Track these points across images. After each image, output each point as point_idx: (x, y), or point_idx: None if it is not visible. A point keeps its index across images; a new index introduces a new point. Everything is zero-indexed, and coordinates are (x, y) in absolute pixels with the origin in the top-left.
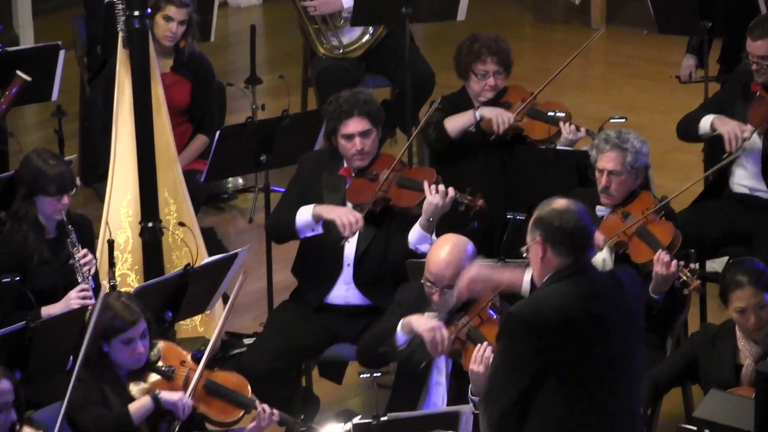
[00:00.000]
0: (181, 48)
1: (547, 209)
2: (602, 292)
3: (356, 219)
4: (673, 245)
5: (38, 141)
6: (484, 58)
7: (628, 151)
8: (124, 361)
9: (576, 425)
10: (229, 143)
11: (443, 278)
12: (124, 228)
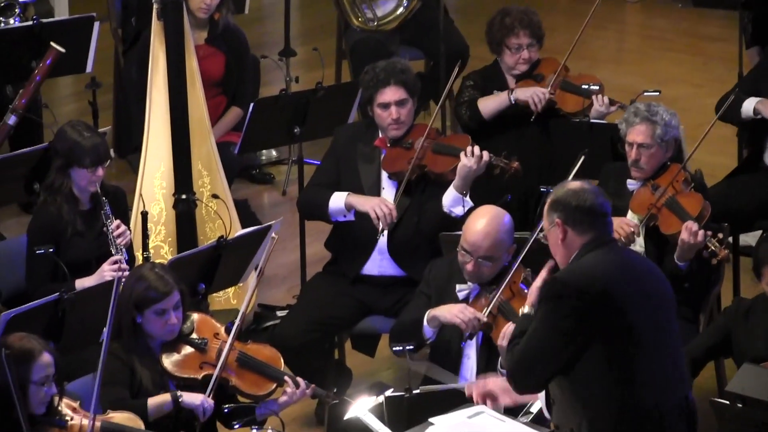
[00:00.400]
0: (216, 20)
1: (562, 191)
2: (634, 260)
3: (390, 210)
4: (701, 216)
5: (72, 113)
6: (517, 32)
7: (657, 124)
8: (157, 332)
9: (621, 384)
10: (263, 115)
11: (480, 248)
12: (157, 200)
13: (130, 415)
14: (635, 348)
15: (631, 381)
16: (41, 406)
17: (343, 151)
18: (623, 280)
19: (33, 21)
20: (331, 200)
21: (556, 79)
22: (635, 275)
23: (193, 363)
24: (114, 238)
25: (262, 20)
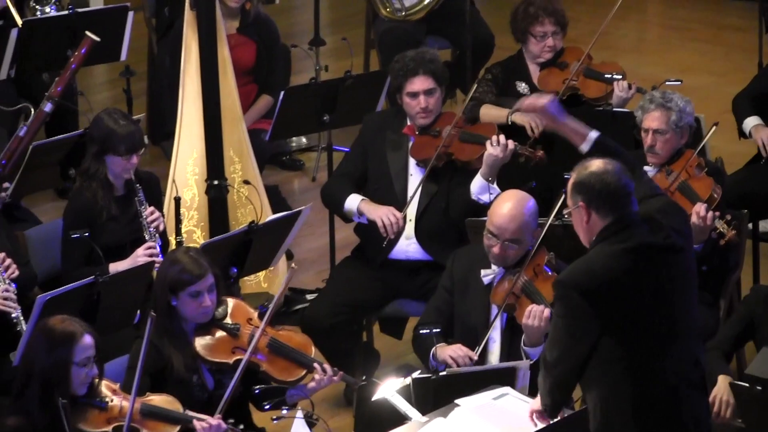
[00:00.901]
0: (247, 10)
1: (586, 173)
2: (649, 245)
3: (396, 219)
4: (711, 199)
5: (107, 100)
6: (542, 20)
7: (672, 110)
8: (191, 314)
9: (636, 376)
10: (293, 103)
11: (505, 231)
12: (190, 185)
13: (169, 398)
14: (646, 335)
15: (644, 367)
16: (83, 387)
17: (372, 139)
18: (627, 271)
19: (69, 10)
20: (346, 201)
21: (579, 67)
22: (646, 261)
23: (225, 347)
24: (148, 224)
25: (293, 10)
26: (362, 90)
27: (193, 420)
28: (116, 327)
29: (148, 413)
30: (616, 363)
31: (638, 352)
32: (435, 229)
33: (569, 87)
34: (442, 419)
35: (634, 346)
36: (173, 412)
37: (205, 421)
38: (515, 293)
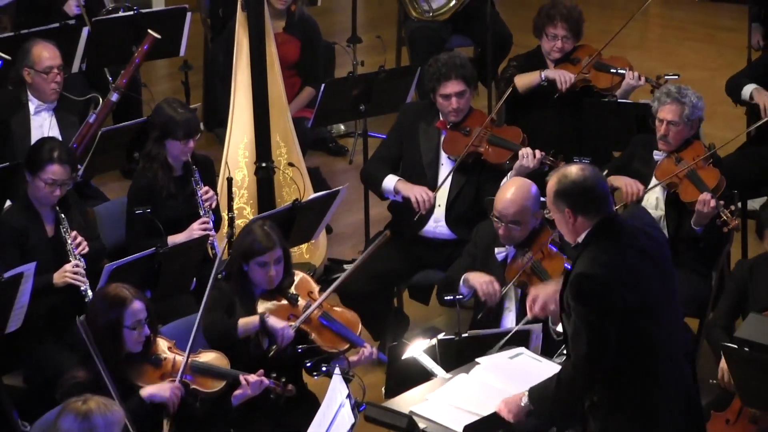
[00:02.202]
0: (292, 11)
1: (567, 182)
2: (637, 234)
3: (429, 197)
4: (717, 188)
5: (167, 91)
6: (556, 23)
7: (686, 105)
8: (258, 280)
9: (638, 343)
10: (333, 94)
11: (507, 214)
12: (241, 167)
13: (218, 355)
14: (647, 320)
15: (645, 350)
16: (137, 346)
17: (408, 127)
18: (632, 265)
19: (134, 11)
20: (384, 181)
21: (590, 62)
22: (640, 258)
23: (283, 313)
24: (202, 201)
25: (333, 11)
26: (394, 83)
27: (238, 376)
28: (174, 293)
29: (198, 369)
30: (623, 342)
31: (641, 325)
32: (462, 216)
33: (581, 79)
34: (465, 375)
35: (635, 333)
36: (220, 368)
37: (248, 378)
38: (526, 272)
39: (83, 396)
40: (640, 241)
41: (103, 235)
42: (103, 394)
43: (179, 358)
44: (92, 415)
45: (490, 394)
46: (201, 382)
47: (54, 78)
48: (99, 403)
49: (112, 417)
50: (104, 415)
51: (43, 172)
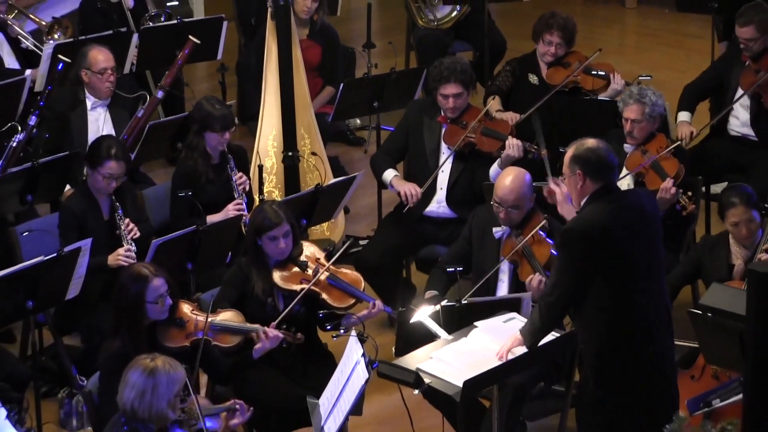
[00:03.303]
0: (315, 20)
1: (582, 149)
2: (629, 205)
3: (415, 193)
4: (677, 176)
5: (206, 89)
6: (552, 31)
7: (646, 104)
8: (271, 252)
9: (620, 306)
10: (350, 93)
11: (507, 200)
12: (270, 156)
13: (234, 312)
14: (630, 276)
15: (626, 303)
16: (163, 314)
17: (413, 121)
18: (617, 223)
19: (177, 20)
20: (384, 174)
21: (580, 66)
22: (629, 217)
23: (295, 279)
24: (237, 185)
25: (350, 20)
26: (404, 82)
27: (252, 331)
28: (212, 265)
29: (216, 327)
30: (606, 303)
31: (624, 288)
32: (461, 197)
33: (571, 81)
34: (464, 337)
35: (620, 284)
36: (236, 325)
37: (267, 331)
38: (518, 252)
39: (152, 354)
40: (629, 214)
41: (150, 214)
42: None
43: (201, 318)
44: (157, 372)
45: (486, 352)
46: (220, 338)
47: (108, 78)
48: (165, 361)
49: (175, 375)
50: (168, 373)
51: (101, 167)
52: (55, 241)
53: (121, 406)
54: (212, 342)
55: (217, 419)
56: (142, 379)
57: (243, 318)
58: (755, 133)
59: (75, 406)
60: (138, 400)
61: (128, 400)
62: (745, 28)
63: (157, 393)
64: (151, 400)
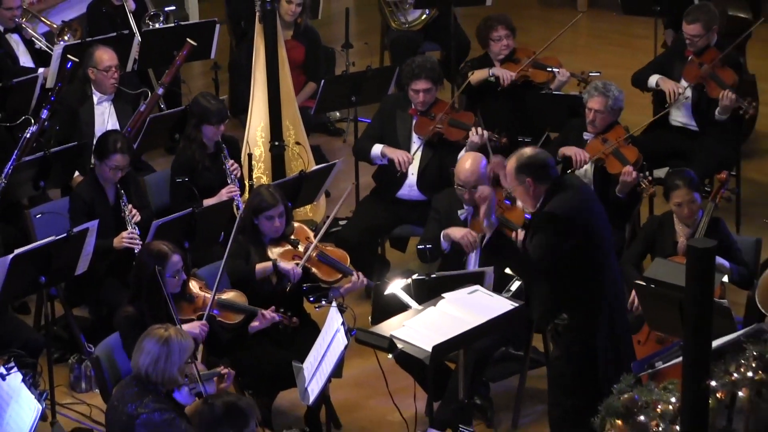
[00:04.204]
0: (298, 23)
1: (524, 158)
2: (588, 194)
3: (407, 159)
4: (636, 162)
5: (201, 86)
6: (496, 27)
7: (609, 97)
8: (266, 231)
9: (589, 282)
10: (331, 88)
11: (469, 182)
12: (259, 145)
13: (238, 293)
14: (599, 254)
15: (596, 279)
16: (177, 288)
17: (388, 113)
18: (586, 209)
19: (175, 23)
20: (372, 149)
21: (529, 61)
22: (591, 205)
23: (288, 255)
24: (230, 172)
25: (330, 23)
26: (378, 79)
27: (255, 311)
28: (208, 243)
29: (222, 305)
30: (576, 275)
31: (593, 265)
32: (430, 181)
33: (522, 75)
34: (433, 307)
35: (590, 264)
36: (240, 304)
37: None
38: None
39: (165, 324)
40: (590, 201)
41: (152, 198)
42: (145, 326)
43: (208, 296)
44: (171, 341)
45: (452, 321)
46: (224, 315)
47: (112, 75)
48: (177, 331)
49: (186, 344)
50: (180, 341)
51: (108, 160)
52: (65, 222)
53: (135, 370)
54: (217, 318)
55: (212, 383)
56: (157, 347)
57: (246, 299)
58: (695, 122)
59: (84, 370)
60: (152, 366)
61: (143, 366)
62: (693, 26)
63: (171, 360)
64: (164, 366)
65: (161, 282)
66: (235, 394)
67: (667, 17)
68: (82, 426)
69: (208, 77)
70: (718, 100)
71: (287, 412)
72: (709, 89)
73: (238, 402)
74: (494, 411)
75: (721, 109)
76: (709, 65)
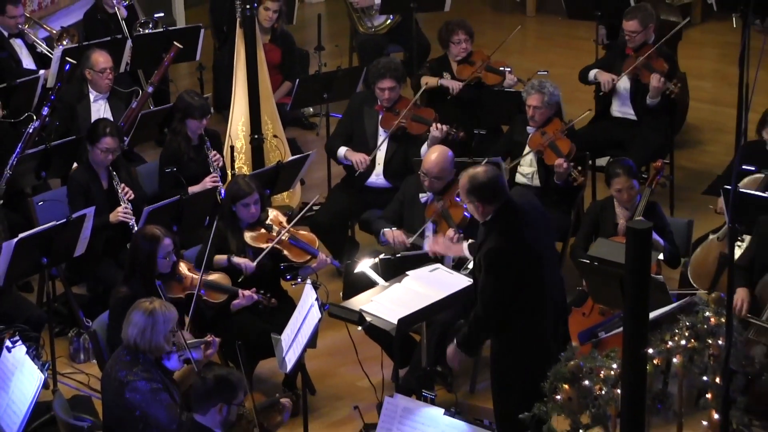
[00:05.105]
0: (275, 28)
1: (474, 182)
2: (529, 208)
3: (364, 160)
4: (569, 154)
5: (187, 84)
6: (457, 31)
7: (545, 94)
8: (243, 217)
9: (533, 294)
10: (305, 86)
11: (432, 172)
12: (240, 138)
13: (223, 275)
14: (540, 267)
15: (536, 295)
16: (167, 269)
17: (356, 110)
18: (526, 231)
19: (163, 28)
20: (338, 151)
21: (483, 64)
22: (529, 219)
23: (262, 238)
24: (212, 162)
25: (304, 27)
26: (348, 78)
27: (237, 291)
28: (194, 227)
29: (208, 285)
30: (523, 304)
31: (533, 283)
32: (395, 170)
33: (476, 77)
34: (398, 283)
35: (532, 281)
36: (224, 285)
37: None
38: (438, 214)
39: (150, 298)
40: (530, 216)
41: (143, 186)
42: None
43: (195, 277)
44: (156, 312)
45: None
46: (210, 294)
47: (107, 76)
48: (161, 304)
49: (170, 315)
50: (164, 313)
51: (99, 143)
52: (65, 209)
53: (125, 341)
54: (203, 297)
55: (198, 350)
56: (143, 318)
57: (229, 280)
58: (634, 110)
59: (82, 343)
60: (140, 336)
61: (132, 336)
62: (631, 22)
63: (156, 329)
64: (151, 336)
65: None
66: (226, 368)
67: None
68: (80, 393)
69: (193, 77)
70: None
71: (267, 379)
72: (643, 76)
73: (229, 375)
74: (454, 377)
75: (652, 92)
76: (644, 57)
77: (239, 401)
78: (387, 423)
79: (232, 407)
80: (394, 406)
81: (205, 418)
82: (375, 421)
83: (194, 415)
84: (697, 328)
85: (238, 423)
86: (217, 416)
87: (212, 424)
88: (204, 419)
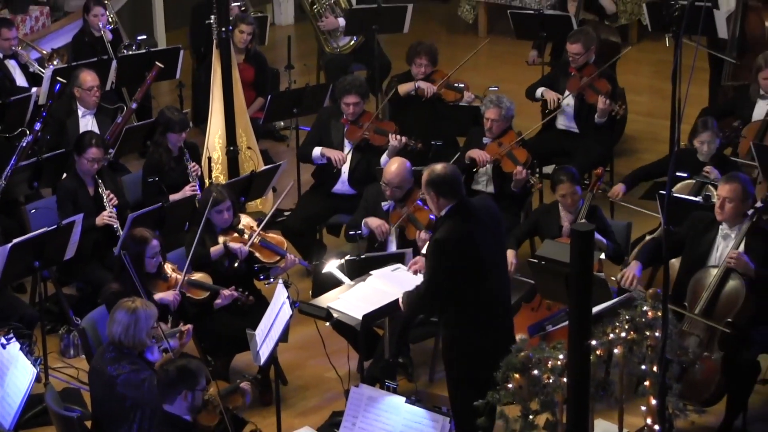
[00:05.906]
0: (249, 48)
1: (433, 175)
2: (482, 210)
3: (342, 158)
4: (526, 162)
5: (168, 101)
6: (421, 56)
7: (502, 108)
8: (217, 222)
9: (479, 292)
10: (276, 102)
11: (393, 182)
12: (217, 150)
13: (204, 274)
14: (483, 271)
15: (482, 293)
16: (154, 268)
17: (324, 122)
18: (475, 229)
19: (145, 50)
20: (313, 152)
21: (443, 82)
22: (481, 221)
23: (236, 241)
24: (191, 172)
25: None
26: (316, 94)
27: (218, 290)
28: (174, 232)
29: (191, 284)
30: (465, 297)
31: (481, 281)
32: (359, 178)
33: (437, 94)
34: (363, 282)
35: (474, 273)
36: (206, 284)
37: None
38: (405, 219)
39: (132, 297)
40: (482, 219)
41: (127, 195)
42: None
43: (179, 276)
44: (137, 310)
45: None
46: (193, 292)
47: (94, 93)
48: (142, 302)
49: (150, 312)
50: (145, 310)
51: (85, 153)
52: (55, 216)
53: (110, 338)
54: (187, 294)
55: (175, 339)
56: (126, 316)
57: (211, 280)
58: (577, 126)
59: (72, 339)
60: (124, 334)
61: (116, 334)
62: (575, 45)
63: (138, 326)
64: (134, 332)
65: (129, 264)
66: (186, 359)
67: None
68: (70, 386)
69: (174, 94)
70: (595, 106)
71: (242, 371)
72: (588, 96)
73: (188, 364)
74: (414, 368)
75: (599, 113)
76: (588, 78)
77: (202, 386)
78: (353, 410)
79: (196, 393)
80: (360, 395)
81: (173, 407)
82: (342, 409)
83: (163, 406)
84: (636, 321)
85: (205, 408)
86: (183, 403)
87: (180, 412)
88: (172, 408)
